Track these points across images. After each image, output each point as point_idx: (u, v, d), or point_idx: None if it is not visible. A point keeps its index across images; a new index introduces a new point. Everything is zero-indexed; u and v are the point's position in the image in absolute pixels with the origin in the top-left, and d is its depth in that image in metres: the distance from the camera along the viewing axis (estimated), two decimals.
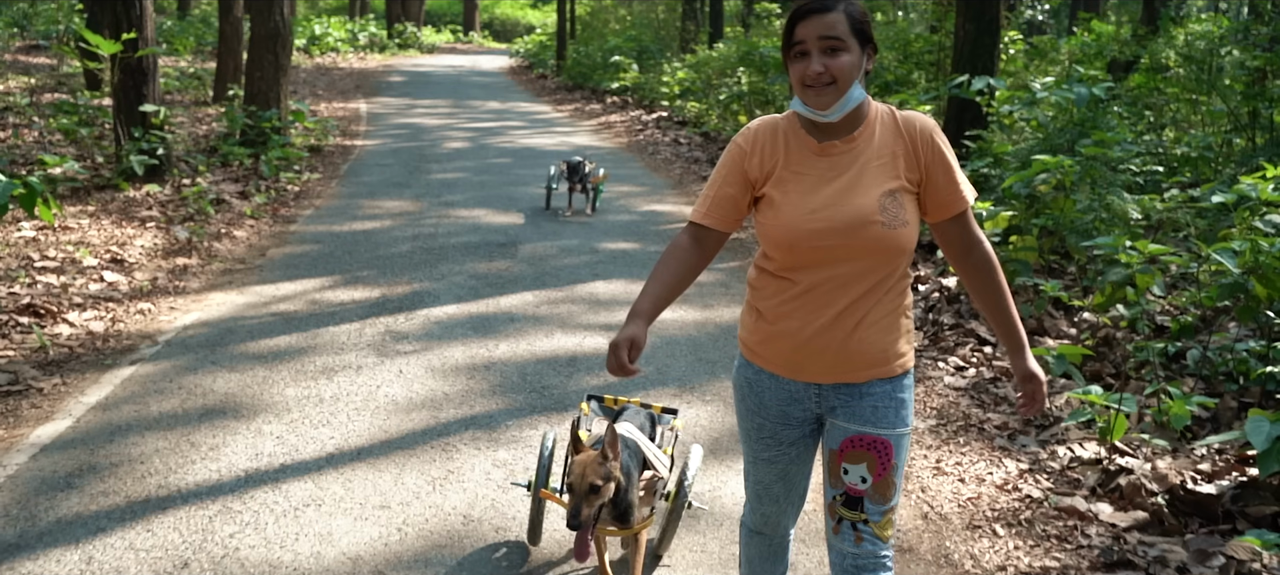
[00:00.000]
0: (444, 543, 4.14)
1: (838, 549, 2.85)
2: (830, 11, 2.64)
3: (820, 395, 2.82)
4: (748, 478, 3.05)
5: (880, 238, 2.66)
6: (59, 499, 4.44)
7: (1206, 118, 12.10)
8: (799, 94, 2.72)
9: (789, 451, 2.92)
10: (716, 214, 2.81)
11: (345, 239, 9.16)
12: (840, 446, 2.82)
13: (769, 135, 2.81)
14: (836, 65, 2.63)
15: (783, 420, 2.88)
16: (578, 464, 3.33)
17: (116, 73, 10.65)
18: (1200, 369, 6.02)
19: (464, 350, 6.35)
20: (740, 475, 4.78)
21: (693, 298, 7.61)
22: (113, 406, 5.44)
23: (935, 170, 2.74)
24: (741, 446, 3.03)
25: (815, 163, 2.74)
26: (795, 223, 2.68)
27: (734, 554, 4.12)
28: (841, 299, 2.71)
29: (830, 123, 2.72)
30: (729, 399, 5.69)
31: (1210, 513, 4.43)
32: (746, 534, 3.18)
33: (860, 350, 2.75)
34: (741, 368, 2.94)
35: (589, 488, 3.29)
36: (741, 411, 2.97)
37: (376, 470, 4.75)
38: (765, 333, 2.82)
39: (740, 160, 2.80)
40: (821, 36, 2.64)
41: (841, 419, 2.81)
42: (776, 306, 2.78)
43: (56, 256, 7.90)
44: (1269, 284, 5.65)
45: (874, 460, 2.79)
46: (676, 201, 11.30)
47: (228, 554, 4.02)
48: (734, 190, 2.80)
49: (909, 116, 2.77)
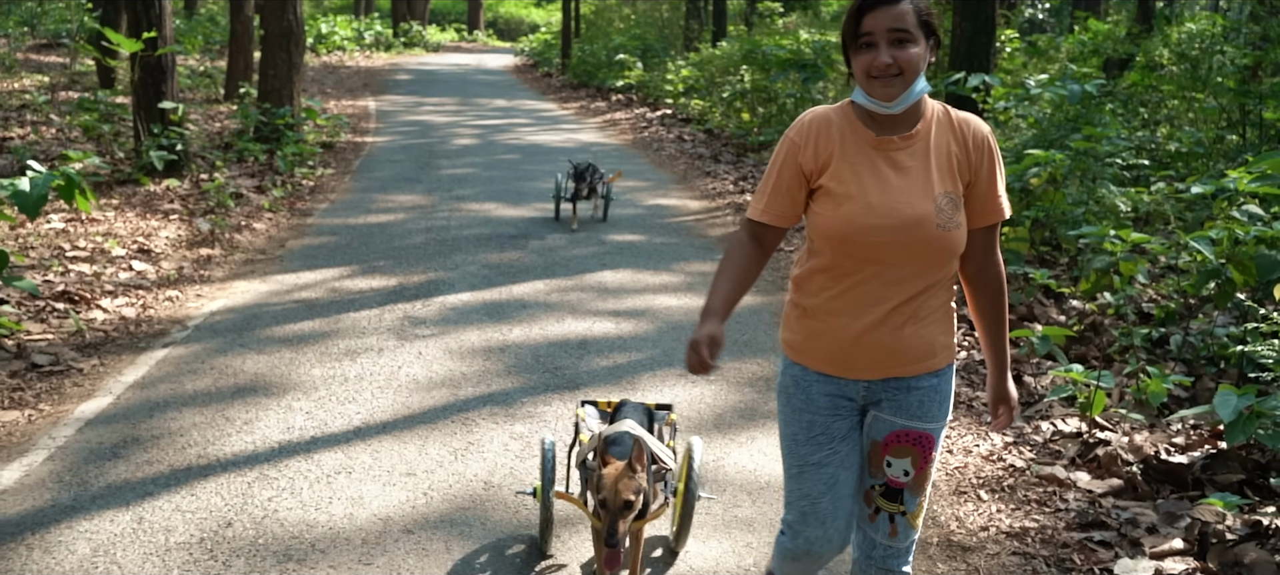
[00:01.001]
0: (467, 506, 4.46)
1: (870, 537, 2.92)
2: (899, 3, 2.63)
3: (868, 389, 2.84)
4: (791, 499, 2.93)
5: (935, 238, 2.68)
6: (107, 467, 4.76)
7: (1199, 115, 12.40)
8: (863, 85, 2.70)
9: (839, 449, 2.86)
10: (773, 210, 2.81)
11: (361, 231, 9.48)
12: (886, 439, 2.85)
13: (822, 127, 2.78)
14: (904, 57, 2.63)
15: (833, 412, 2.85)
16: (608, 480, 3.35)
17: (137, 71, 10.96)
18: (1182, 353, 6.33)
19: (479, 334, 6.67)
20: (741, 446, 5.10)
21: (697, 286, 7.92)
22: (150, 385, 5.76)
23: (982, 176, 2.75)
24: (785, 466, 2.94)
25: (873, 156, 2.73)
26: (852, 217, 2.68)
27: (738, 517, 4.43)
28: (893, 296, 2.73)
29: (890, 116, 2.72)
30: (731, 380, 6.01)
31: (1180, 480, 4.74)
32: (780, 557, 3.03)
33: (910, 346, 2.77)
34: (786, 368, 2.91)
35: (624, 504, 3.33)
36: (787, 415, 2.91)
37: (401, 442, 5.06)
38: (812, 330, 2.82)
39: (794, 154, 2.78)
40: (890, 28, 2.62)
41: (888, 412, 2.84)
42: (825, 303, 2.78)
43: (86, 247, 8.23)
44: (1245, 271, 5.96)
45: (918, 455, 2.84)
46: (681, 196, 11.61)
47: (267, 515, 4.34)
48: (789, 185, 2.79)
49: (965, 118, 2.79)
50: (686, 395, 5.75)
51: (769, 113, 15.43)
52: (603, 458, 3.44)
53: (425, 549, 4.11)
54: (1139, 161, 9.21)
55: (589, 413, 4.17)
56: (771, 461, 4.95)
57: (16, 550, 4.04)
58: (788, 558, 2.98)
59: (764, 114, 15.60)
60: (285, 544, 4.12)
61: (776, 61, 14.62)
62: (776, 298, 7.65)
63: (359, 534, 4.21)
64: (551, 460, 3.92)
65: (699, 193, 11.86)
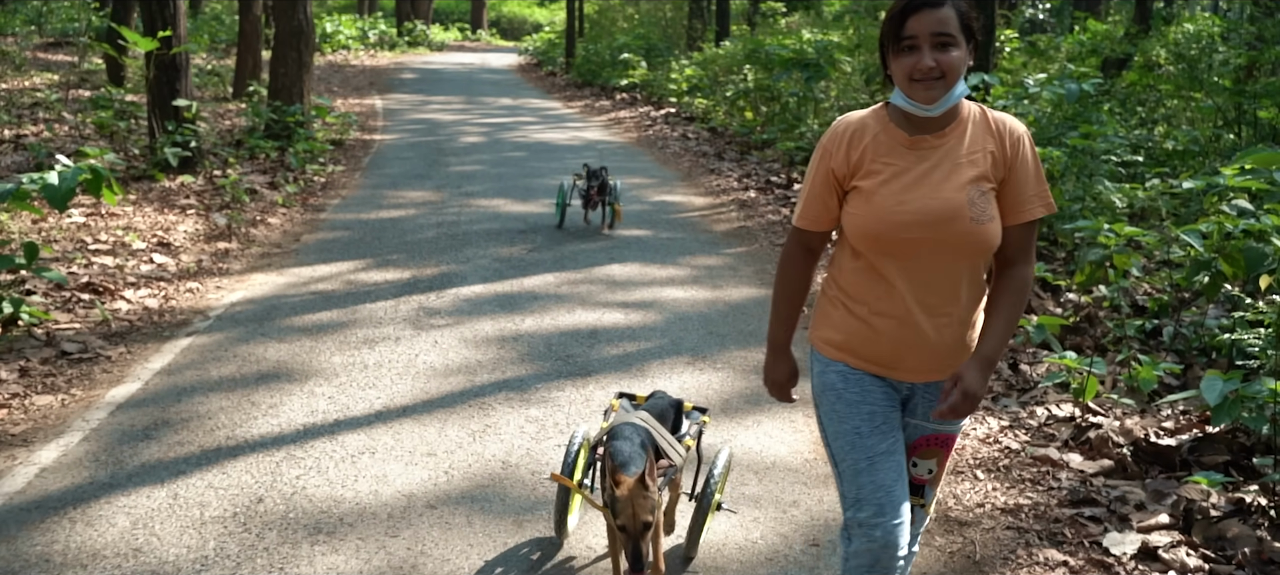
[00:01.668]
0: (486, 484, 4.67)
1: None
2: (942, 7, 2.66)
3: (909, 389, 2.92)
4: (863, 495, 2.83)
5: (969, 232, 2.70)
6: (140, 447, 4.97)
7: (1196, 114, 12.61)
8: (904, 88, 2.72)
9: (898, 437, 2.88)
10: (810, 216, 2.88)
11: (373, 226, 9.69)
12: (914, 442, 2.94)
13: (855, 131, 2.81)
14: (947, 60, 2.66)
15: (890, 402, 2.88)
16: (624, 503, 3.35)
17: (152, 68, 11.17)
18: (1174, 344, 6.53)
19: (492, 324, 6.88)
20: (747, 430, 5.30)
21: (703, 279, 8.13)
22: (176, 371, 5.97)
23: (1017, 172, 2.77)
24: (843, 466, 2.89)
25: (905, 155, 2.76)
26: (884, 214, 2.72)
27: (745, 494, 4.63)
28: (938, 298, 2.77)
29: (928, 117, 2.74)
30: (736, 368, 6.21)
31: (1169, 462, 4.95)
32: (859, 569, 2.88)
33: (949, 348, 2.81)
34: (828, 366, 2.91)
35: (643, 525, 3.34)
36: (841, 412, 2.87)
37: (421, 425, 5.27)
38: (857, 331, 2.85)
39: (825, 160, 2.83)
40: (934, 32, 2.65)
41: (920, 416, 2.92)
42: (871, 304, 2.81)
43: (107, 240, 8.45)
44: (1234, 263, 6.17)
45: (942, 455, 2.96)
46: (687, 192, 11.81)
47: (296, 492, 4.55)
48: (822, 190, 2.84)
49: (1000, 117, 2.82)
50: (695, 381, 5.96)
51: (772, 111, 15.64)
52: (614, 477, 3.41)
53: (448, 523, 4.32)
54: (1134, 158, 9.40)
55: (624, 406, 4.13)
56: (776, 443, 5.15)
57: (61, 523, 4.25)
58: (865, 566, 2.84)
59: (767, 112, 15.80)
60: (315, 518, 4.33)
61: (779, 61, 14.82)
62: None
63: (384, 509, 4.42)
64: (576, 453, 4.00)
65: (704, 189, 12.06)
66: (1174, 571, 4.02)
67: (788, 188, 11.66)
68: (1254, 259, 6.02)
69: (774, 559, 4.13)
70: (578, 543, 4.17)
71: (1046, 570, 4.09)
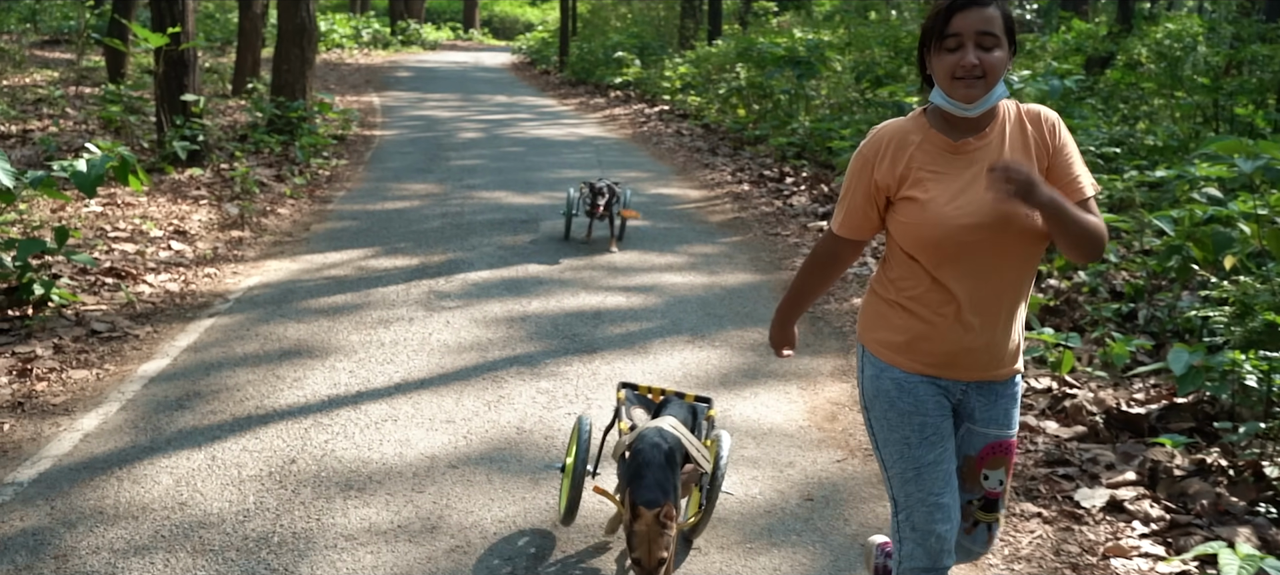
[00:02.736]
0: (503, 446, 5.01)
1: (967, 548, 3.06)
2: (988, 7, 2.68)
3: (963, 392, 2.91)
4: (908, 506, 2.89)
5: (1026, 229, 2.73)
6: (176, 416, 5.30)
7: (1176, 110, 13.00)
8: (944, 86, 2.74)
9: (949, 446, 2.90)
10: (850, 225, 2.90)
11: (380, 216, 10.02)
12: (981, 453, 2.93)
13: (898, 142, 2.82)
14: (990, 60, 2.68)
15: (940, 412, 2.88)
16: (640, 539, 3.44)
17: (161, 64, 11.48)
18: (1149, 326, 6.90)
19: (501, 306, 7.21)
20: (745, 400, 5.65)
21: (700, 266, 8.47)
22: (202, 348, 6.30)
23: (1061, 155, 2.79)
24: (892, 472, 2.94)
25: (952, 161, 2.77)
26: (941, 221, 2.73)
27: (745, 456, 4.98)
28: (993, 297, 2.79)
29: (966, 118, 2.76)
30: (734, 345, 6.56)
31: (1138, 428, 5.30)
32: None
33: (1005, 346, 2.86)
34: (883, 371, 2.91)
35: (658, 562, 3.45)
36: (893, 420, 2.89)
37: (438, 395, 5.61)
38: (917, 331, 2.85)
39: (867, 171, 2.83)
40: (979, 31, 2.67)
41: (980, 424, 2.92)
42: (932, 308, 2.82)
43: (126, 228, 8.76)
44: (1203, 247, 6.53)
45: (1008, 462, 2.95)
46: (682, 186, 12.15)
47: (326, 454, 4.88)
48: (864, 203, 2.85)
49: (1033, 109, 2.85)
50: (695, 358, 6.30)
51: (764, 108, 15.99)
52: (634, 510, 3.50)
53: (469, 480, 4.66)
54: (1112, 150, 9.77)
55: (630, 398, 4.22)
56: (773, 412, 5.51)
57: (108, 481, 4.58)
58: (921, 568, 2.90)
59: (759, 109, 16.15)
60: (345, 477, 4.67)
61: (771, 59, 15.17)
62: (774, 276, 8.21)
63: (409, 469, 4.76)
64: (586, 442, 4.03)
65: (698, 183, 12.40)
66: (1138, 521, 4.38)
67: (779, 182, 12.00)
68: (1221, 242, 6.39)
69: (772, 512, 4.47)
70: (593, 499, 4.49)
71: (1022, 520, 4.44)
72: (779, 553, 4.17)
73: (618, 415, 4.03)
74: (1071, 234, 2.71)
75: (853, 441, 5.20)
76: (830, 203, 10.64)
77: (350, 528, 4.24)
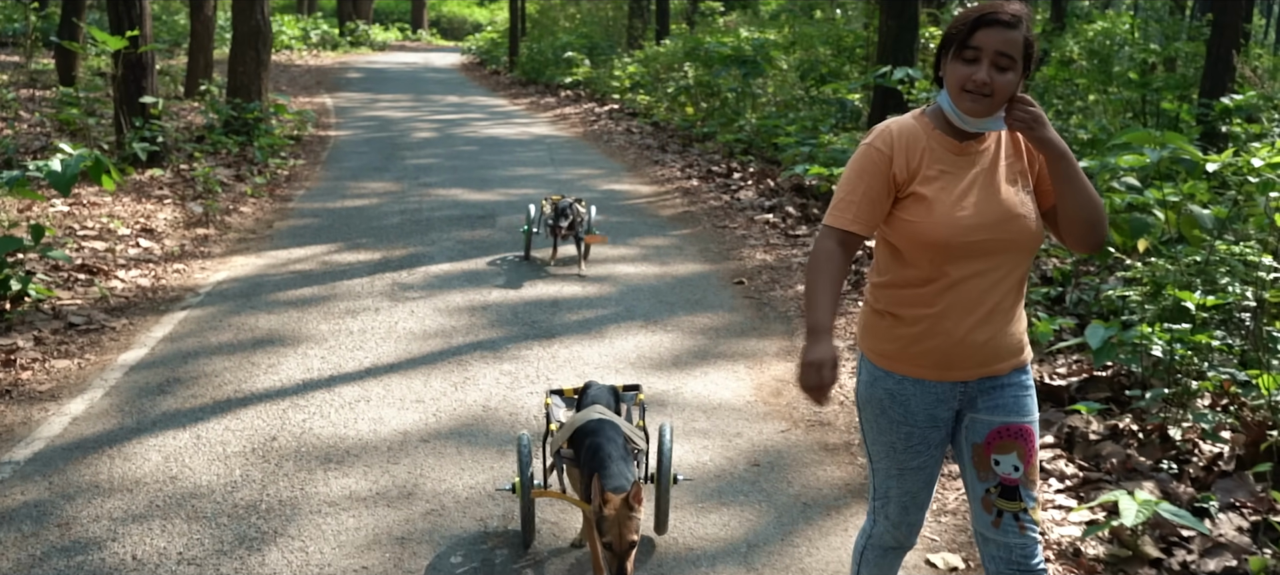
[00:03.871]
0: (471, 423, 5.36)
1: (1002, 542, 2.90)
2: (1014, 29, 2.69)
3: (964, 392, 2.90)
4: (886, 497, 3.02)
5: (1026, 230, 2.78)
6: (158, 400, 5.60)
7: (1106, 106, 13.58)
8: (954, 96, 2.77)
9: (935, 453, 2.96)
10: (863, 219, 2.83)
11: (340, 214, 10.31)
12: (986, 439, 2.89)
13: (909, 137, 2.84)
14: (1001, 81, 2.70)
15: (931, 423, 2.91)
16: (611, 524, 3.46)
17: (120, 67, 11.68)
18: (1076, 308, 7.37)
19: (462, 296, 7.55)
20: (696, 379, 6.04)
21: (651, 256, 8.85)
22: (178, 338, 6.59)
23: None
24: (876, 465, 3.03)
25: (957, 161, 2.81)
26: (949, 220, 2.75)
27: (696, 428, 5.36)
28: (990, 295, 2.80)
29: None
30: (685, 330, 6.94)
31: (1059, 399, 5.75)
32: (878, 554, 3.12)
33: (1004, 343, 2.86)
34: (879, 380, 2.93)
35: (629, 545, 3.47)
36: (882, 426, 2.94)
37: (407, 378, 5.95)
38: (911, 336, 2.86)
39: (883, 165, 2.82)
40: (999, 50, 2.68)
41: (984, 412, 2.89)
42: (925, 309, 2.83)
43: (94, 227, 9.00)
44: (1122, 232, 7.01)
45: (1022, 448, 2.88)
46: (633, 182, 12.53)
47: (305, 431, 5.21)
48: (878, 195, 2.82)
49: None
50: (648, 341, 6.68)
51: (711, 106, 16.41)
52: (602, 496, 3.51)
53: (440, 453, 5.01)
54: None
55: (556, 402, 4.38)
56: (722, 389, 5.90)
57: (100, 459, 4.88)
58: (880, 550, 3.10)
59: (707, 108, 16.57)
60: (324, 451, 5.00)
61: (718, 58, 15.60)
62: (722, 266, 8.62)
63: (384, 443, 5.10)
64: (527, 457, 4.07)
65: (649, 179, 12.79)
66: (1054, 478, 4.82)
67: (727, 177, 12.41)
68: (1138, 228, 6.87)
69: (721, 476, 4.87)
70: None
71: (951, 480, 4.86)
72: (728, 511, 4.56)
73: (548, 420, 4.18)
74: (1077, 191, 2.79)
75: (796, 414, 5.60)
76: (776, 197, 11.07)
77: (332, 495, 4.58)
